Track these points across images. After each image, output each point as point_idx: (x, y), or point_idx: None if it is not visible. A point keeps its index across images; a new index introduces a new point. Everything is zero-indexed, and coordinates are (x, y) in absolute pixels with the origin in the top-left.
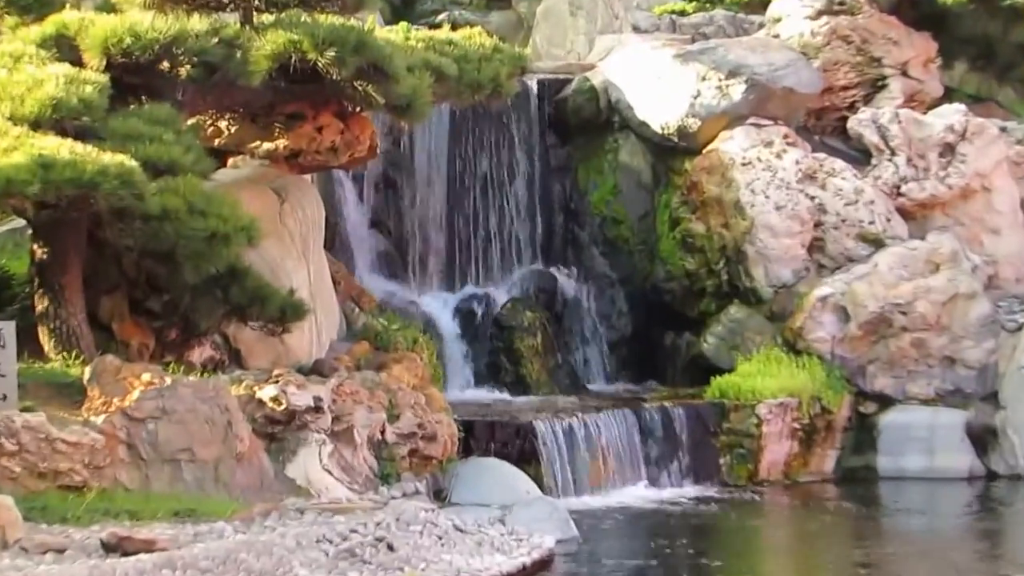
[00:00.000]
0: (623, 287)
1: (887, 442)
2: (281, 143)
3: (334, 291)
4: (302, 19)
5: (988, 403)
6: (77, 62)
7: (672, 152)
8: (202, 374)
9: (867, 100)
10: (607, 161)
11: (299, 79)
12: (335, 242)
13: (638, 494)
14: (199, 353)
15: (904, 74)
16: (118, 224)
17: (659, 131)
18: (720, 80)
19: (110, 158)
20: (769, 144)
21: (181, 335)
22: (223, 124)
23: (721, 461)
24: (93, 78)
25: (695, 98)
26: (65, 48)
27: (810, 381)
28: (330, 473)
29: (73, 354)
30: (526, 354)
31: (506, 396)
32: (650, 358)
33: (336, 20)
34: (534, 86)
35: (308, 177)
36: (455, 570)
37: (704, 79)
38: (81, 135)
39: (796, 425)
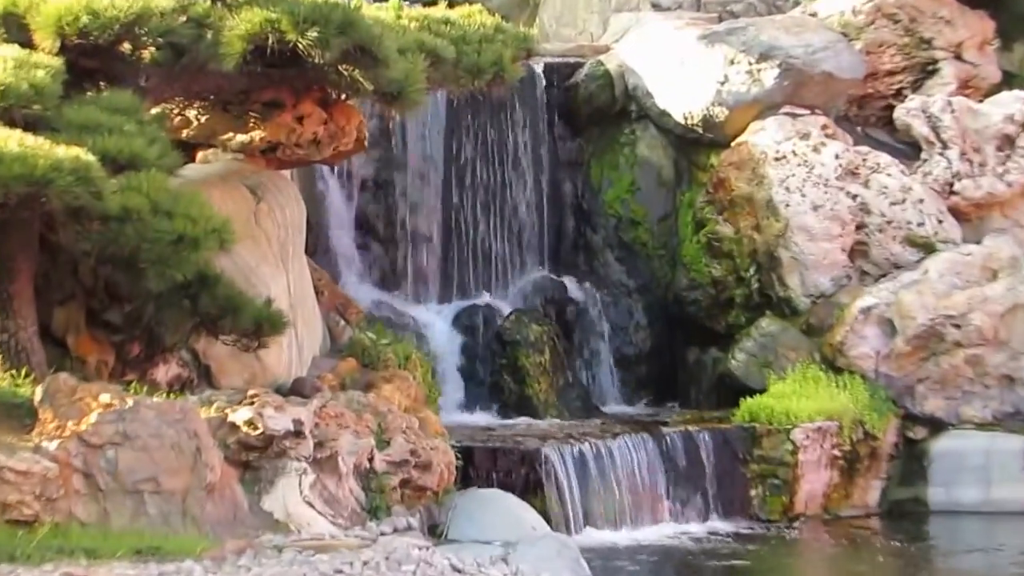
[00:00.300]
0: (641, 297)
1: (939, 471)
2: (257, 135)
3: (317, 301)
4: None
5: None
6: (27, 44)
7: (696, 145)
8: (168, 394)
9: (916, 87)
10: (623, 155)
11: (277, 63)
12: (318, 246)
13: (658, 530)
14: (165, 371)
15: (957, 57)
16: (73, 226)
17: (682, 121)
18: (750, 64)
19: (64, 151)
20: (805, 136)
21: (144, 351)
22: (192, 113)
23: (752, 493)
24: (45, 61)
25: (722, 84)
26: (13, 28)
27: (852, 403)
28: (312, 506)
29: (23, 372)
30: (532, 372)
31: (510, 420)
32: (671, 377)
33: None
34: (541, 71)
35: (287, 173)
36: None
37: (732, 63)
38: (31, 125)
39: (836, 452)
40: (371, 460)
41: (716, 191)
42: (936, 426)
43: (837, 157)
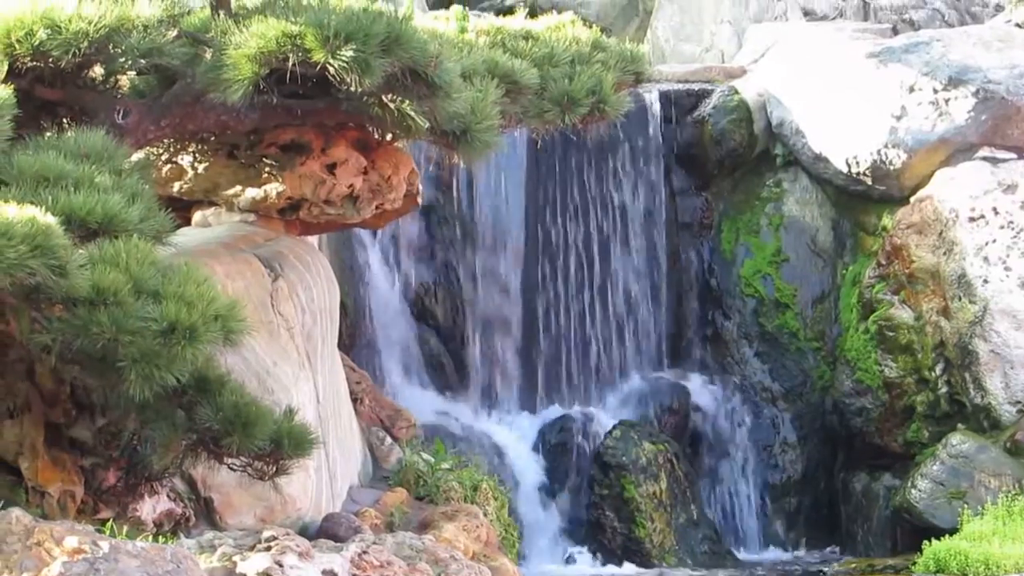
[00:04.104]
0: (790, 405)
1: None
2: (274, 189)
3: (355, 412)
4: (304, 1)
5: None
6: None
7: (864, 201)
8: (156, 537)
9: None
10: (765, 214)
11: (300, 92)
12: (357, 338)
13: None
14: (152, 505)
15: None
16: (28, 312)
17: (844, 169)
18: (936, 91)
19: (15, 212)
20: (1011, 188)
21: (124, 479)
22: (186, 160)
23: None
24: None
25: (898, 119)
26: None
27: None
28: None
29: None
30: (644, 507)
31: (614, 569)
32: (831, 512)
33: (356, 2)
34: (655, 101)
35: (315, 240)
36: None
37: (912, 90)
38: None
39: None
40: None
41: (890, 263)
42: None
43: None
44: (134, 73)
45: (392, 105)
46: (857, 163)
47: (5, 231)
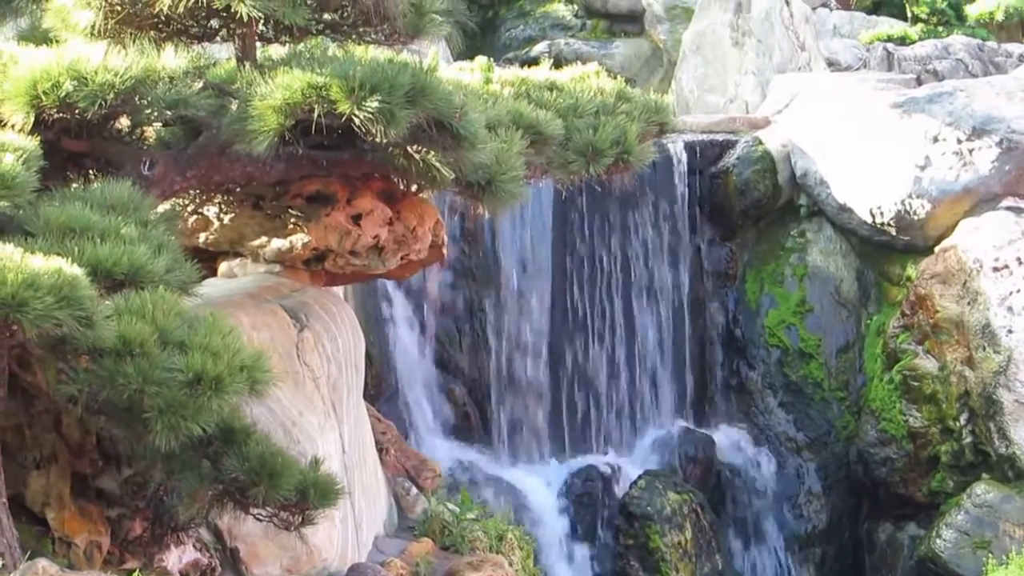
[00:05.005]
0: (815, 455)
1: None
2: (299, 240)
3: (380, 462)
4: (329, 52)
5: None
6: None
7: (888, 251)
8: None
9: None
10: (790, 265)
11: (326, 144)
12: (382, 389)
13: None
14: (178, 556)
15: None
16: (55, 363)
17: (868, 219)
18: (960, 141)
19: (42, 263)
20: None
21: (151, 529)
22: (212, 212)
23: None
24: (15, 143)
25: (922, 169)
26: None
27: None
28: None
29: None
30: (669, 556)
31: None
32: (856, 561)
33: (381, 54)
34: (680, 152)
35: (340, 291)
36: None
37: (936, 140)
38: None
39: None
40: None
41: (914, 313)
42: None
43: None
44: (160, 124)
45: (417, 156)
46: (881, 213)
47: (32, 282)
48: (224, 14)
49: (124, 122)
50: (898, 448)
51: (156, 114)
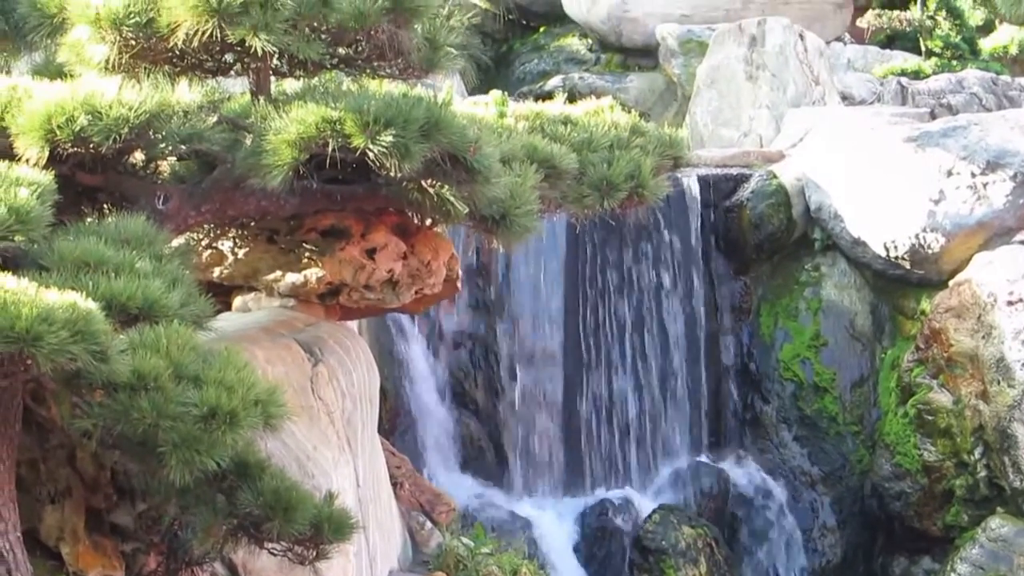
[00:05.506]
0: (829, 489)
1: None
2: (313, 274)
3: (394, 496)
4: (343, 87)
5: None
6: (6, 153)
7: (902, 285)
8: None
9: None
10: (804, 299)
11: (340, 178)
12: (396, 423)
13: None
14: None
15: None
16: (69, 397)
17: (882, 253)
18: (974, 175)
19: (56, 297)
20: None
21: (165, 564)
22: (226, 246)
23: None
24: (30, 177)
25: (937, 203)
26: None
27: None
28: None
29: None
30: None
31: None
32: None
33: (395, 88)
34: (694, 186)
35: (354, 325)
36: None
37: (950, 174)
38: (11, 262)
39: None
40: None
41: (929, 347)
42: None
43: None
44: (174, 159)
45: (431, 190)
46: (895, 247)
47: (46, 316)
48: (238, 48)
49: (138, 156)
50: (913, 482)
51: (170, 148)
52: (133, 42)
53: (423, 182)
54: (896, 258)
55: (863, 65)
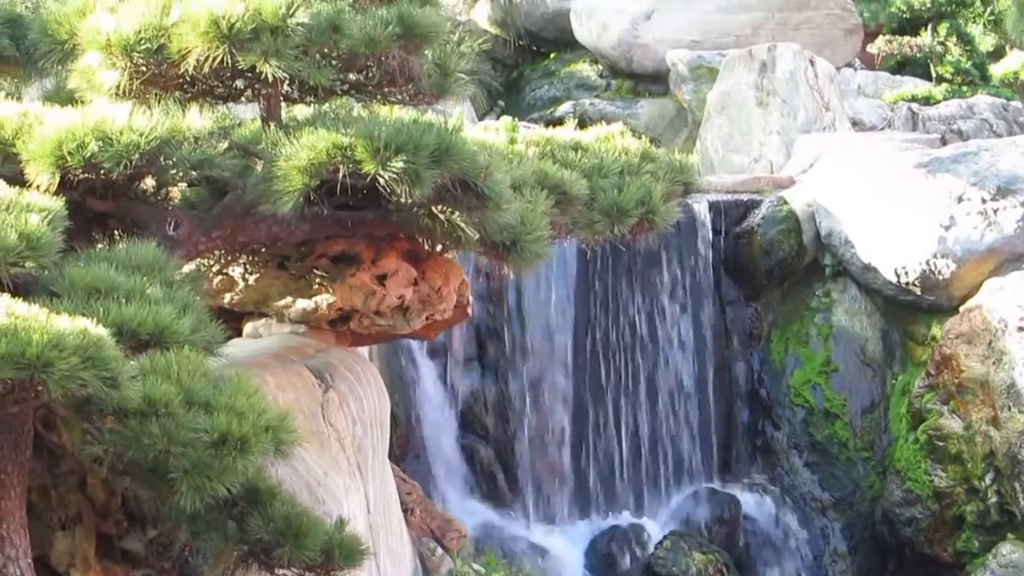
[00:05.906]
0: (840, 515)
1: None
2: (324, 300)
3: (405, 522)
4: (354, 113)
5: None
6: (17, 179)
7: (913, 311)
8: None
9: None
10: (815, 325)
11: (351, 204)
12: (407, 449)
13: None
14: None
15: None
16: (80, 423)
17: (893, 279)
18: (985, 201)
19: (67, 324)
20: None
21: None
22: (237, 272)
23: None
24: (40, 203)
25: (947, 229)
26: None
27: None
28: None
29: None
30: None
31: None
32: None
33: (406, 114)
34: (704, 212)
35: (365, 351)
36: None
37: (961, 200)
38: (22, 288)
39: None
40: None
41: (940, 373)
42: None
43: None
44: (185, 185)
45: (442, 216)
46: (906, 273)
47: (57, 343)
48: (249, 75)
49: (149, 182)
50: (923, 508)
51: (181, 174)
52: (144, 68)
53: (434, 208)
54: (907, 284)
55: (874, 91)
